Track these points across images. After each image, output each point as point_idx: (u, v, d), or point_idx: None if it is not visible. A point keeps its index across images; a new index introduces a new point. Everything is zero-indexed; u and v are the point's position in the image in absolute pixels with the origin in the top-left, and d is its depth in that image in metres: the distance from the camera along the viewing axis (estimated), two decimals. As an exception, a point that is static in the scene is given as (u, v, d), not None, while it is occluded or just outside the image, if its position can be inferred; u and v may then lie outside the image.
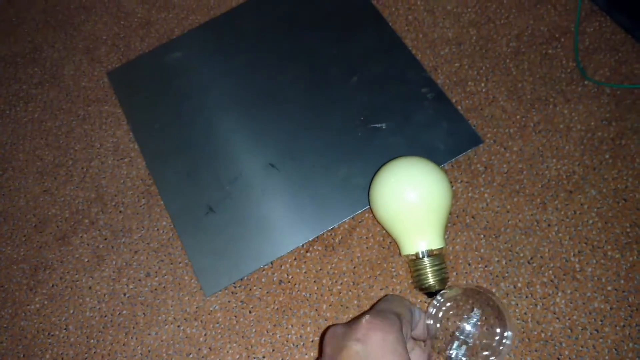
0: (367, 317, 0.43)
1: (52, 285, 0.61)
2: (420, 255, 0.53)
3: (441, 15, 0.70)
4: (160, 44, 0.74)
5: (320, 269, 0.58)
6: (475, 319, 0.48)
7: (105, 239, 0.63)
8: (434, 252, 0.53)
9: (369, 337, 0.41)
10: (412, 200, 0.53)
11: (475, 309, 0.48)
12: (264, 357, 0.56)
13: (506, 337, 0.48)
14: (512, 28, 0.68)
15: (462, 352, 0.47)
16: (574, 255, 0.56)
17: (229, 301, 0.58)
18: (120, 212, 0.64)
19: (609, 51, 0.65)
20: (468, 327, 0.48)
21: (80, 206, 0.65)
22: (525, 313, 0.54)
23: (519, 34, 0.67)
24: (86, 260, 0.62)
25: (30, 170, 0.68)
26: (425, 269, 0.53)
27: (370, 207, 0.58)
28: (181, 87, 0.70)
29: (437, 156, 0.61)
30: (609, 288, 0.54)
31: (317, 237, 0.59)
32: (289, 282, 0.58)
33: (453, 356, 0.47)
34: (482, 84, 0.65)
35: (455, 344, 0.48)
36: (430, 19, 0.70)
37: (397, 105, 0.64)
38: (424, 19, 0.70)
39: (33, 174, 0.68)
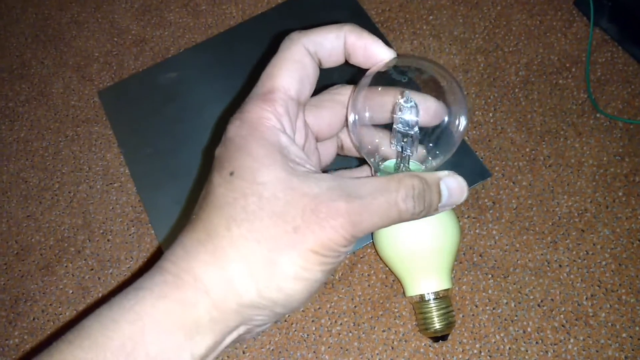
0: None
1: (33, 319, 0.58)
2: (426, 298, 0.50)
3: (447, 41, 0.67)
4: (154, 63, 0.71)
5: (319, 308, 0.55)
6: (408, 104, 0.38)
7: (92, 269, 0.59)
8: (441, 294, 0.50)
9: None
10: (419, 240, 0.50)
11: (405, 92, 0.38)
12: (257, 401, 0.52)
13: (456, 120, 0.40)
14: (521, 56, 0.65)
15: (407, 145, 0.39)
16: (586, 298, 0.53)
17: (221, 340, 0.55)
18: (108, 240, 0.61)
19: (621, 83, 0.62)
20: (404, 116, 0.38)
21: (66, 233, 0.62)
22: (536, 360, 0.51)
23: (528, 63, 0.65)
24: (70, 292, 0.59)
25: (13, 194, 0.65)
26: (432, 312, 0.50)
27: (372, 243, 0.55)
28: (175, 109, 0.67)
29: (443, 189, 0.58)
30: (624, 335, 0.51)
31: (316, 273, 0.56)
32: (285, 321, 0.55)
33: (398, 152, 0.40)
34: (490, 114, 0.62)
35: (396, 139, 0.40)
36: (436, 45, 0.67)
37: (401, 134, 0.62)
38: (429, 44, 0.68)
39: (17, 198, 0.64)
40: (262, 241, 0.32)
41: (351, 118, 0.41)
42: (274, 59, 0.37)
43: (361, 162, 0.51)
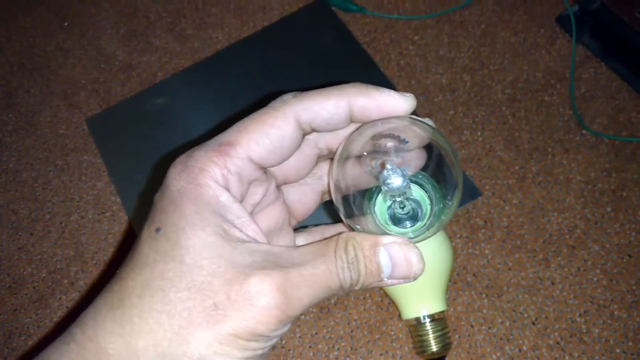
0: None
1: (28, 353, 0.57)
2: (422, 320, 0.51)
3: (434, 61, 0.68)
4: (142, 89, 0.71)
5: (316, 333, 0.55)
6: (393, 174, 0.32)
7: (86, 301, 0.59)
8: (437, 316, 0.51)
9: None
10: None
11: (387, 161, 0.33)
12: None
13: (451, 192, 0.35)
14: (506, 74, 0.66)
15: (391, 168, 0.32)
16: (579, 315, 0.54)
17: (219, 369, 0.55)
18: (101, 271, 0.60)
19: (605, 99, 0.63)
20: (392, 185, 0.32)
21: (59, 265, 0.61)
22: (532, 379, 0.52)
23: (514, 80, 0.66)
24: (65, 324, 0.58)
25: (4, 226, 0.64)
26: (428, 335, 0.51)
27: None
28: (165, 134, 0.67)
29: (434, 210, 0.58)
30: (618, 350, 0.52)
31: (312, 298, 0.56)
32: (282, 347, 0.55)
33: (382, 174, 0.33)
34: (479, 133, 0.63)
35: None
36: (422, 65, 0.68)
37: (391, 155, 0.62)
38: (416, 64, 0.68)
39: (7, 230, 0.64)
40: (175, 315, 0.28)
41: (335, 197, 0.35)
42: (255, 114, 0.32)
43: None
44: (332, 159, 0.35)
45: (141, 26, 0.76)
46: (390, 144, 0.33)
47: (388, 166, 0.32)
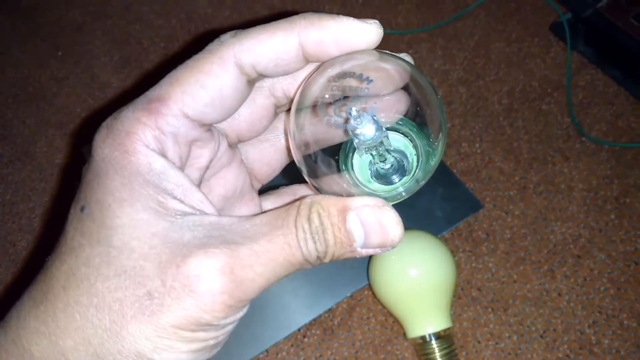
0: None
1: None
2: (428, 339, 0.50)
3: (429, 74, 0.68)
4: (137, 115, 0.70)
5: (320, 356, 0.54)
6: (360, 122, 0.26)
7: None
8: (442, 334, 0.50)
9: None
10: (417, 281, 0.49)
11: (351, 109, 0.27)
12: None
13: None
14: (502, 84, 0.66)
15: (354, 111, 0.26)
16: (588, 326, 0.53)
17: (223, 396, 0.54)
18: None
19: (603, 105, 0.63)
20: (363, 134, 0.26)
21: (58, 296, 0.61)
22: (543, 394, 0.50)
23: (510, 90, 0.65)
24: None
25: (1, 259, 0.64)
26: (434, 353, 0.49)
27: (369, 285, 0.55)
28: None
29: (435, 225, 0.58)
30: (629, 361, 0.51)
31: (315, 320, 0.55)
32: (287, 371, 0.54)
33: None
34: (477, 145, 0.62)
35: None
36: (417, 78, 0.68)
37: (390, 171, 0.61)
38: (411, 78, 0.68)
39: (5, 262, 0.63)
40: (104, 309, 0.24)
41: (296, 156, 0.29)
42: (189, 61, 0.27)
43: None
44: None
45: (135, 52, 0.76)
46: (352, 84, 0.27)
47: (353, 113, 0.26)
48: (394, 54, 0.27)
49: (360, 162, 0.30)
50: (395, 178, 0.30)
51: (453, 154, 0.62)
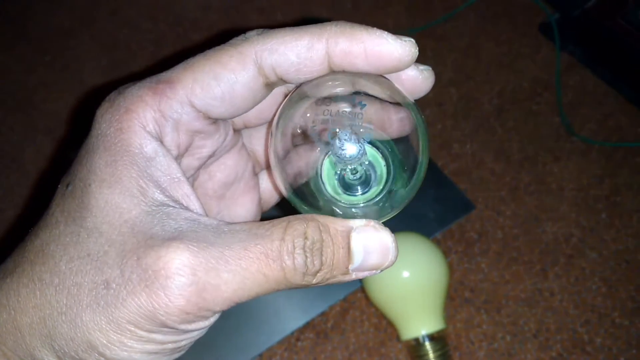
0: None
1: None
2: (421, 341, 0.50)
3: (419, 76, 0.68)
4: (126, 120, 0.70)
5: (314, 359, 0.54)
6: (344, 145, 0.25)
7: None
8: (435, 336, 0.50)
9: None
10: (410, 283, 0.49)
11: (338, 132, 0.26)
12: None
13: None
14: (492, 85, 0.66)
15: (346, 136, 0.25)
16: (580, 325, 0.53)
17: (216, 402, 0.53)
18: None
19: (593, 105, 0.63)
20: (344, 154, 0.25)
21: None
22: (537, 394, 0.50)
23: (501, 91, 0.65)
24: None
25: (-9, 266, 0.63)
26: (428, 355, 0.49)
27: (362, 287, 0.54)
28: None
29: (427, 226, 0.57)
30: (621, 359, 0.51)
31: (308, 324, 0.55)
32: (280, 375, 0.54)
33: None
34: (468, 146, 0.62)
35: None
36: (407, 80, 0.68)
37: (381, 173, 0.61)
38: (401, 80, 0.68)
39: (-6, 270, 0.63)
40: (63, 290, 0.22)
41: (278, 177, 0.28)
42: (210, 51, 0.25)
43: None
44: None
45: (123, 57, 0.76)
46: (345, 108, 0.26)
47: (343, 137, 0.25)
48: (400, 90, 0.26)
49: (328, 172, 0.29)
50: (359, 189, 0.29)
51: (444, 155, 0.62)
